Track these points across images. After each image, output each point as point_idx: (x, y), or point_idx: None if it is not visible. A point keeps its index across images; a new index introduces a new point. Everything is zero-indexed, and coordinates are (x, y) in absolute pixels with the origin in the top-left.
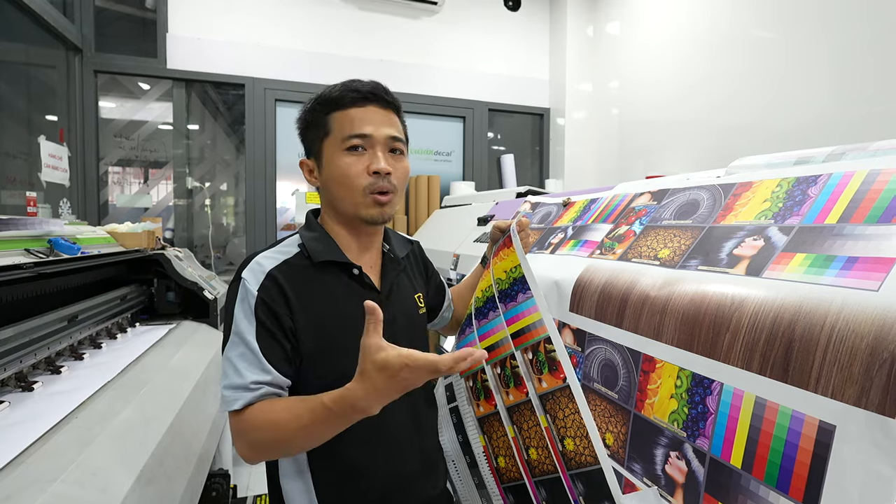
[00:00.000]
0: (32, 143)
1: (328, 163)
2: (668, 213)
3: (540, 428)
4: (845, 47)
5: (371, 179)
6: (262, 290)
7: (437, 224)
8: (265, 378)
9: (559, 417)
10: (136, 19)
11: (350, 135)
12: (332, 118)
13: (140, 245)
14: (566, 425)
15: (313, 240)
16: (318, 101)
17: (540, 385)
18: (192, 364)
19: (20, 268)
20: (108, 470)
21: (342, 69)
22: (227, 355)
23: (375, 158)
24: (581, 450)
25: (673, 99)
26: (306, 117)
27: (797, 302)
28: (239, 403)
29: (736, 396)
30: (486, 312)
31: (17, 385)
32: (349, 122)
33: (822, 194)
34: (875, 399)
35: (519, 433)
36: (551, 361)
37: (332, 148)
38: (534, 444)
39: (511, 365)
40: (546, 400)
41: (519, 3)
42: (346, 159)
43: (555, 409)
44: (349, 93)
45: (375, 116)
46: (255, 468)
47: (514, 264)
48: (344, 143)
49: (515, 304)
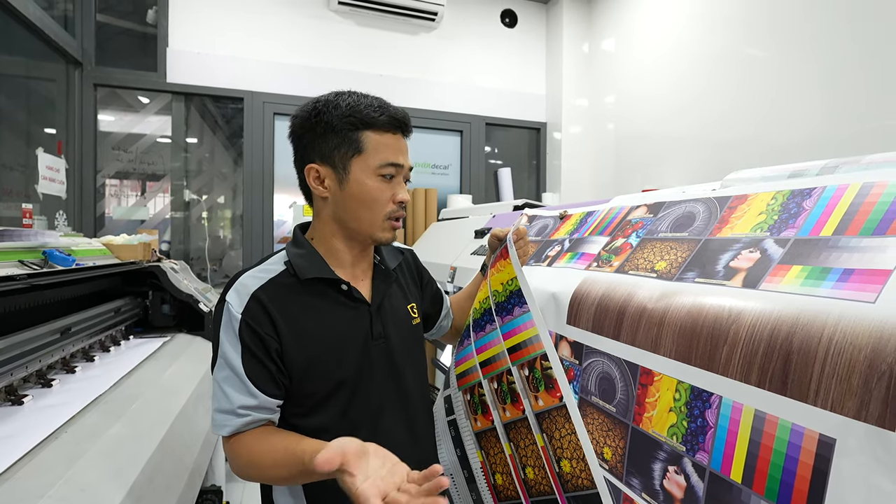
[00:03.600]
0: (30, 156)
1: (356, 181)
2: (665, 225)
3: (536, 447)
4: (836, 66)
5: (394, 207)
6: (246, 312)
7: (435, 237)
8: (252, 402)
9: (556, 437)
10: (137, 34)
11: (388, 162)
12: (366, 137)
13: (136, 257)
14: (563, 446)
15: (299, 256)
16: (352, 113)
17: (536, 403)
18: (186, 378)
19: (14, 279)
20: (98, 486)
21: (341, 83)
22: (215, 377)
23: (400, 188)
24: (578, 472)
25: (668, 114)
26: (326, 122)
27: (794, 314)
28: (227, 430)
29: (735, 410)
30: (484, 325)
31: (7, 399)
32: (387, 148)
33: (817, 207)
34: (875, 412)
35: (516, 451)
36: (547, 379)
37: (362, 167)
38: (531, 462)
39: (508, 380)
40: (542, 419)
41: (516, 19)
42: (378, 184)
43: (551, 429)
44: (386, 117)
45: (403, 146)
46: (248, 486)
47: (510, 276)
48: (380, 168)
49: (512, 317)
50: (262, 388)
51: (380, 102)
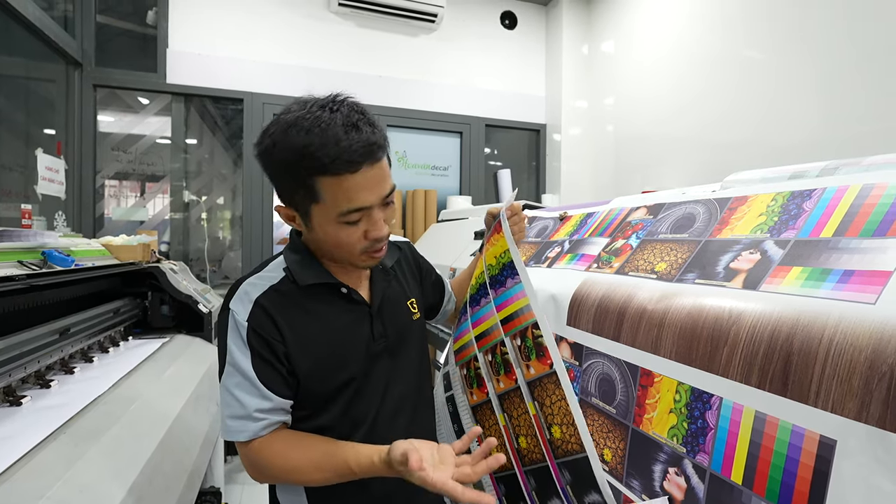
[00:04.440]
0: (30, 156)
1: (319, 227)
2: (665, 226)
3: (529, 416)
4: (835, 68)
5: (368, 243)
6: (252, 318)
7: (434, 238)
8: (267, 405)
9: (546, 404)
10: (137, 35)
11: (348, 210)
12: (322, 184)
13: (135, 258)
14: (553, 412)
15: (297, 263)
16: (302, 161)
17: (528, 371)
18: (185, 379)
19: (13, 280)
20: (97, 487)
21: (341, 85)
22: (224, 385)
23: (373, 225)
24: (567, 437)
25: (667, 115)
26: (279, 163)
27: (795, 315)
28: (244, 436)
29: (735, 411)
30: (479, 299)
31: (5, 399)
32: (344, 194)
33: (817, 208)
34: (875, 413)
35: (509, 421)
36: (538, 347)
37: (323, 216)
38: (523, 432)
39: (501, 352)
40: (534, 387)
41: (515, 21)
42: (344, 230)
43: (542, 396)
44: (340, 160)
45: (370, 180)
46: (246, 487)
47: (503, 249)
48: (341, 217)
49: (505, 289)
50: (274, 390)
51: (334, 135)
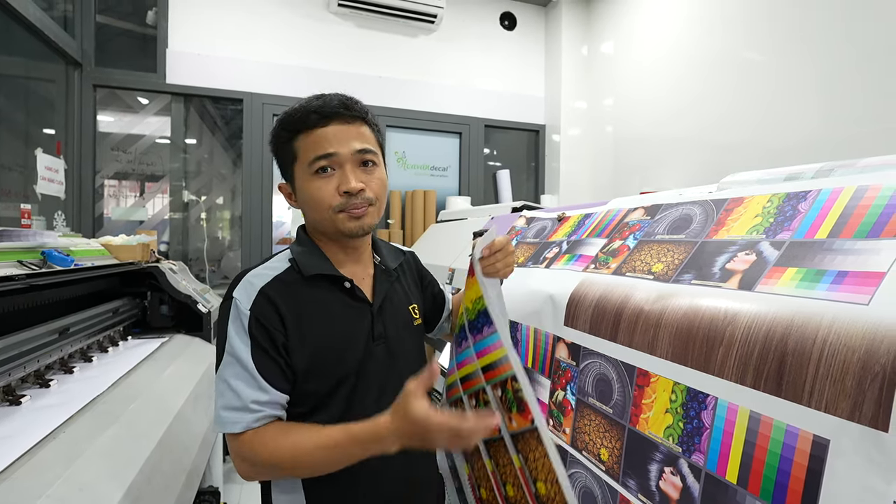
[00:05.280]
0: (29, 156)
1: (300, 188)
2: (662, 227)
3: (514, 466)
4: (833, 70)
5: (342, 199)
6: (255, 307)
7: (434, 238)
8: (263, 397)
9: (530, 459)
10: (137, 35)
11: (315, 157)
12: (298, 141)
13: (134, 258)
14: (537, 468)
15: (303, 254)
16: (283, 126)
17: (510, 424)
18: (184, 379)
19: (12, 279)
20: (95, 486)
21: (340, 85)
22: (221, 375)
23: (345, 178)
24: (552, 495)
25: (666, 117)
26: (275, 141)
27: (789, 316)
28: (239, 427)
29: (730, 411)
30: (461, 342)
31: (5, 399)
32: (313, 144)
33: (812, 210)
34: (868, 413)
35: (496, 468)
36: (519, 401)
37: (301, 173)
38: (510, 480)
39: (483, 399)
40: (517, 440)
41: (515, 22)
42: (315, 183)
43: (526, 450)
44: (310, 113)
45: (340, 133)
46: (245, 487)
47: (477, 295)
48: (311, 166)
49: (482, 336)
50: (272, 382)
51: (312, 104)
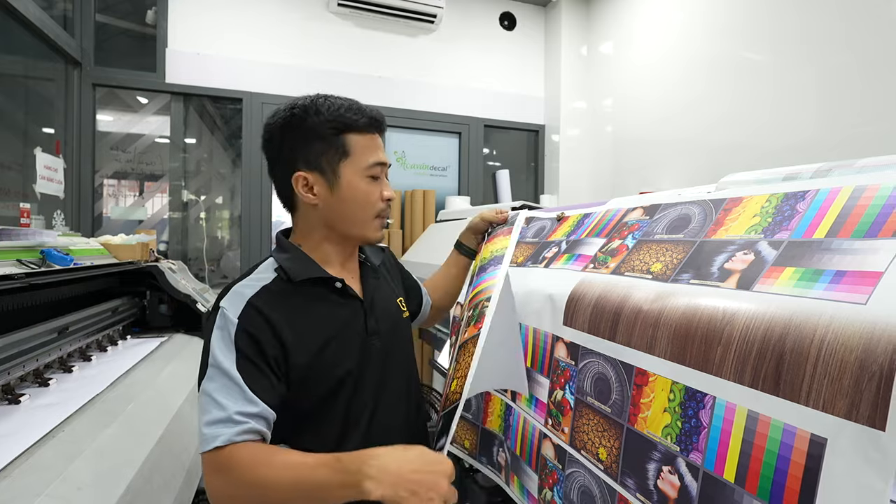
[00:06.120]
0: (28, 155)
1: (348, 185)
2: (661, 227)
3: (460, 366)
4: (831, 71)
5: (383, 205)
6: (243, 317)
7: (433, 238)
8: (251, 409)
9: (461, 364)
10: (136, 34)
11: (375, 163)
12: (350, 140)
13: (133, 257)
14: (461, 368)
15: (289, 260)
16: (334, 118)
17: (468, 331)
18: (183, 378)
19: (11, 278)
20: (94, 485)
21: (340, 85)
22: (204, 390)
23: (385, 186)
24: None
25: (665, 117)
26: (310, 128)
27: (787, 315)
28: (221, 440)
29: (728, 410)
30: (472, 279)
31: (4, 397)
32: (371, 149)
33: (810, 209)
34: (865, 412)
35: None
36: (480, 315)
37: (352, 171)
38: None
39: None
40: (464, 345)
41: (514, 22)
42: (368, 185)
43: (464, 354)
44: (366, 119)
45: (381, 144)
46: None
47: (503, 245)
48: (368, 169)
49: (486, 273)
50: (259, 394)
51: (356, 104)
